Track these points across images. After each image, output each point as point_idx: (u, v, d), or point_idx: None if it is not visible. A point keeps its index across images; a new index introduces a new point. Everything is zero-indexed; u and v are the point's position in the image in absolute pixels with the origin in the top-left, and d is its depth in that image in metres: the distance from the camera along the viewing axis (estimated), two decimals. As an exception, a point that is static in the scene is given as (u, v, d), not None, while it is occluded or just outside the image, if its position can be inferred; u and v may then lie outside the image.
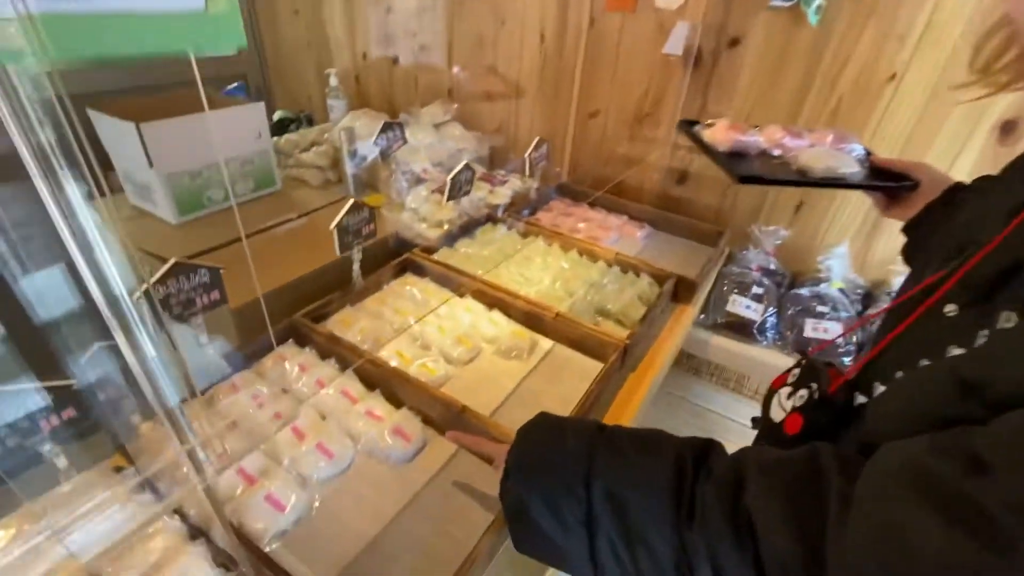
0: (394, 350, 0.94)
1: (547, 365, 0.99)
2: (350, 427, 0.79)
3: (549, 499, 0.47)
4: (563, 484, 0.46)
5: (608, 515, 0.44)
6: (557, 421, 0.55)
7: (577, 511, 0.45)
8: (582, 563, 0.46)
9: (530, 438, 0.54)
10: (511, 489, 0.52)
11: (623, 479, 0.44)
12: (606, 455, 0.46)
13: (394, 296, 1.10)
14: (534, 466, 0.51)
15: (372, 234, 1.03)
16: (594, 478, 0.45)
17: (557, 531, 0.47)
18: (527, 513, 0.49)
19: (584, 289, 1.15)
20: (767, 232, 1.35)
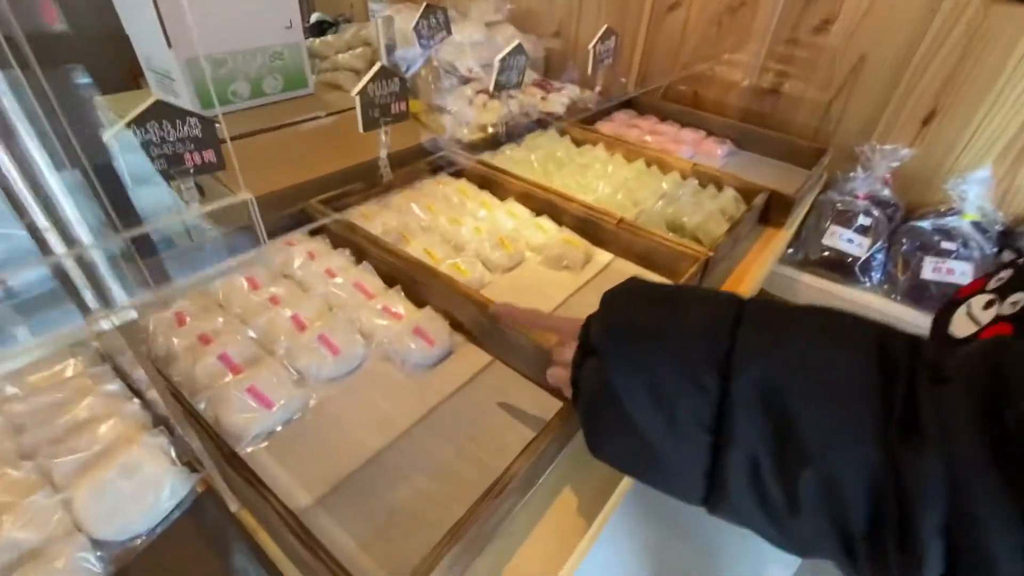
0: (421, 247, 0.78)
1: (604, 280, 0.81)
2: (363, 323, 0.64)
3: (656, 388, 0.34)
4: (682, 369, 0.33)
5: (757, 422, 0.31)
6: (664, 286, 0.41)
7: (700, 410, 0.32)
8: (690, 479, 0.34)
9: (626, 304, 0.40)
10: (593, 371, 0.39)
11: (789, 370, 0.31)
12: (758, 334, 0.33)
13: (425, 195, 0.94)
14: (635, 340, 0.36)
15: (403, 114, 0.86)
16: (739, 366, 0.32)
17: (660, 434, 0.34)
18: (615, 405, 0.35)
19: (653, 200, 0.95)
20: (883, 152, 1.09)
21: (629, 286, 0.42)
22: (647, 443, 0.35)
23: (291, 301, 0.65)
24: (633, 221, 0.83)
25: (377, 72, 0.80)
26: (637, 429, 0.35)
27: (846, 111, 1.17)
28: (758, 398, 0.31)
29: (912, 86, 1.07)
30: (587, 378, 0.40)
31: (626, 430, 0.35)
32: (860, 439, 0.28)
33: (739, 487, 0.32)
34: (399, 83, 0.84)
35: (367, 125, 0.81)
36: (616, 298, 0.41)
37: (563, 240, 0.83)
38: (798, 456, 0.29)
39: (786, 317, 0.34)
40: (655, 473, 0.37)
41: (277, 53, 1.34)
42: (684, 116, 1.30)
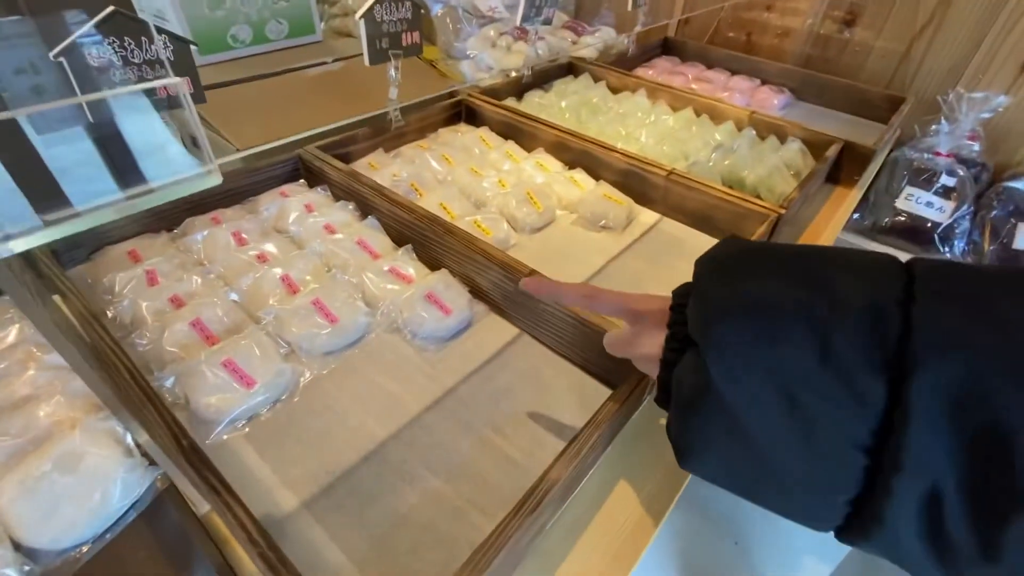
0: (436, 202, 0.67)
1: (650, 243, 0.69)
2: (366, 287, 0.54)
3: (786, 392, 0.24)
4: (827, 365, 0.23)
5: (945, 442, 0.21)
6: (782, 247, 0.29)
7: (855, 423, 0.23)
8: (825, 506, 0.26)
9: (734, 275, 0.28)
10: (691, 371, 0.29)
11: (1003, 367, 0.21)
12: (948, 312, 0.22)
13: (442, 145, 0.82)
14: (752, 326, 0.26)
15: (416, 47, 0.74)
16: (920, 360, 0.22)
17: (789, 452, 0.25)
18: (724, 413, 0.26)
19: (707, 151, 0.82)
20: (972, 101, 0.93)
21: (733, 249, 0.30)
22: (767, 461, 0.26)
23: (283, 259, 0.55)
24: (686, 172, 0.70)
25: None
26: (755, 444, 0.26)
27: (930, 53, 1.01)
28: (950, 407, 0.22)
29: (1014, 22, 0.91)
30: (683, 379, 0.29)
31: (736, 444, 0.27)
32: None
33: (903, 524, 0.23)
34: (411, 9, 0.72)
35: (374, 57, 0.69)
36: (718, 266, 0.30)
37: (602, 196, 0.71)
38: (1008, 493, 0.21)
39: (986, 283, 0.23)
40: (773, 496, 0.28)
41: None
42: (734, 63, 1.15)
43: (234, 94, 0.98)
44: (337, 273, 0.54)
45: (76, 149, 0.35)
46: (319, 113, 0.92)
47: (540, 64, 1.08)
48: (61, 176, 0.31)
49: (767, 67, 1.11)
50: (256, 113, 0.93)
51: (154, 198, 0.27)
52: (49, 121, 0.32)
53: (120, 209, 0.26)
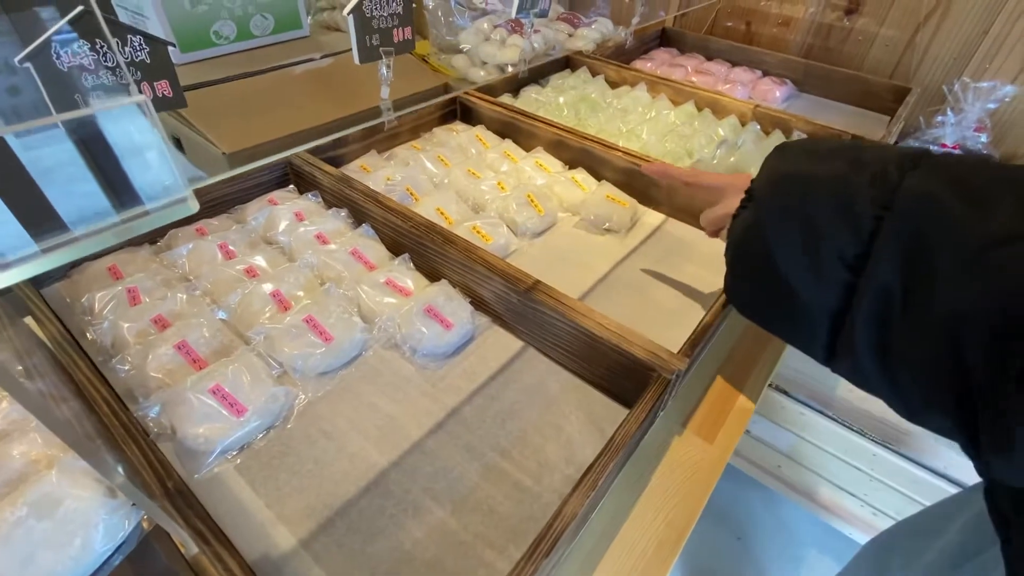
0: (433, 207, 0.64)
1: (656, 245, 0.66)
2: (362, 301, 0.51)
3: (806, 225, 0.33)
4: (838, 205, 0.32)
5: (900, 256, 0.29)
6: (844, 141, 0.38)
7: (847, 245, 0.31)
8: (818, 323, 0.33)
9: (796, 155, 0.37)
10: (748, 215, 0.38)
11: (954, 201, 0.28)
12: (932, 174, 0.30)
13: (436, 145, 0.79)
14: (797, 184, 0.35)
15: (408, 43, 0.71)
16: (900, 202, 0.30)
17: (799, 272, 0.34)
18: (761, 245, 0.35)
19: (711, 148, 0.79)
20: (979, 90, 0.91)
21: (808, 140, 0.40)
22: (784, 284, 0.34)
23: (273, 273, 0.52)
24: (690, 173, 0.67)
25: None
26: (777, 269, 0.34)
27: (935, 41, 0.98)
28: (909, 234, 0.29)
29: (1023, 8, 0.88)
30: (739, 223, 0.39)
31: (766, 273, 0.35)
32: (1016, 284, 0.25)
33: (864, 328, 0.30)
34: (403, 3, 0.68)
35: (364, 55, 0.66)
36: (787, 149, 0.39)
37: (605, 197, 0.68)
38: (935, 295, 0.27)
39: (977, 165, 0.30)
40: (785, 316, 0.36)
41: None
42: (734, 54, 1.12)
43: (218, 94, 0.94)
44: (331, 287, 0.51)
45: (57, 150, 0.32)
46: (307, 113, 0.89)
47: (536, 58, 1.04)
48: (43, 178, 0.28)
49: (768, 58, 1.08)
50: (241, 113, 0.89)
51: (142, 224, 0.24)
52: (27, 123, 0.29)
53: (120, 232, 0.23)
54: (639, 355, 0.42)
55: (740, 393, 0.51)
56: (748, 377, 0.52)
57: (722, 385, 0.51)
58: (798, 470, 1.40)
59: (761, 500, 1.44)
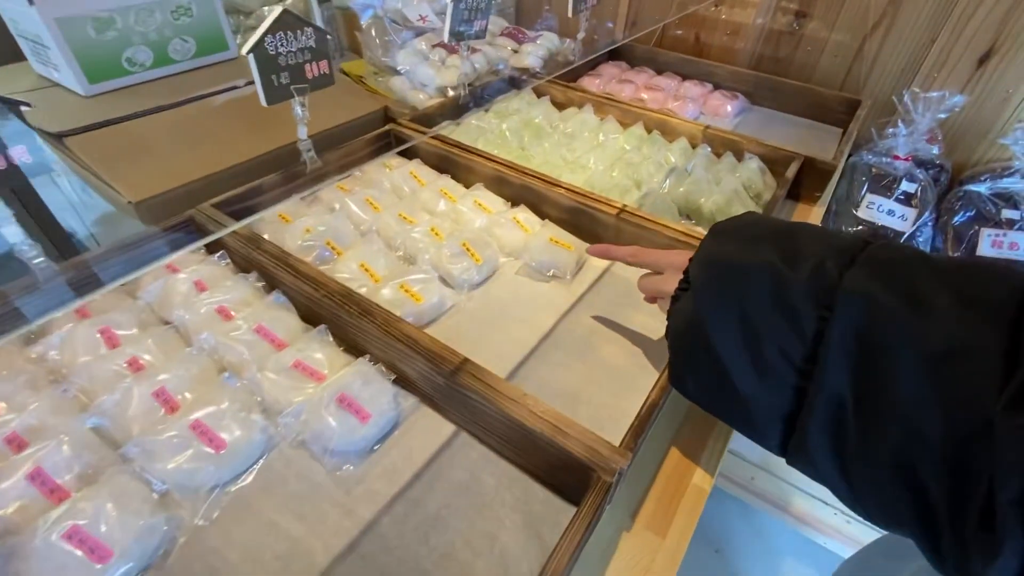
0: (357, 262, 0.58)
1: (603, 291, 0.61)
2: (265, 392, 0.44)
3: (746, 321, 0.32)
4: (777, 302, 0.31)
5: (850, 365, 0.28)
6: (781, 222, 0.38)
7: (792, 347, 0.30)
8: (770, 422, 0.33)
9: (731, 237, 0.38)
10: (685, 302, 0.38)
11: (898, 316, 0.27)
12: (871, 273, 0.29)
13: (367, 184, 0.73)
14: (732, 272, 0.35)
15: (325, 78, 0.64)
16: (842, 303, 0.29)
17: (744, 370, 0.33)
18: (701, 336, 0.35)
19: (660, 176, 0.75)
20: (928, 100, 0.90)
21: (742, 220, 0.39)
22: (729, 380, 0.33)
23: (161, 364, 0.45)
24: (637, 210, 0.63)
25: (277, 20, 0.57)
26: (721, 363, 0.34)
27: (883, 51, 0.96)
28: (854, 338, 0.28)
29: (968, 16, 0.87)
30: (678, 311, 0.39)
31: (710, 365, 0.34)
32: (964, 401, 0.25)
33: (818, 434, 0.30)
34: (315, 35, 0.62)
35: (272, 96, 0.59)
36: (722, 232, 0.39)
37: (549, 240, 0.63)
38: (888, 407, 0.27)
39: (911, 260, 0.30)
40: (735, 413, 0.35)
41: (182, 8, 1.08)
42: (684, 66, 1.09)
43: (127, 131, 0.86)
44: (228, 378, 0.44)
45: None
46: (229, 150, 0.81)
47: (479, 79, 0.99)
48: None
49: (718, 70, 1.05)
50: (153, 154, 0.81)
51: None
52: None
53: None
54: (576, 453, 0.37)
55: (696, 466, 0.46)
56: (704, 447, 0.48)
57: (676, 459, 0.47)
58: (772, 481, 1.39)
59: (738, 511, 1.43)
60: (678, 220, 0.71)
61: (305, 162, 0.69)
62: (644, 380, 0.51)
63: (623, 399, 0.49)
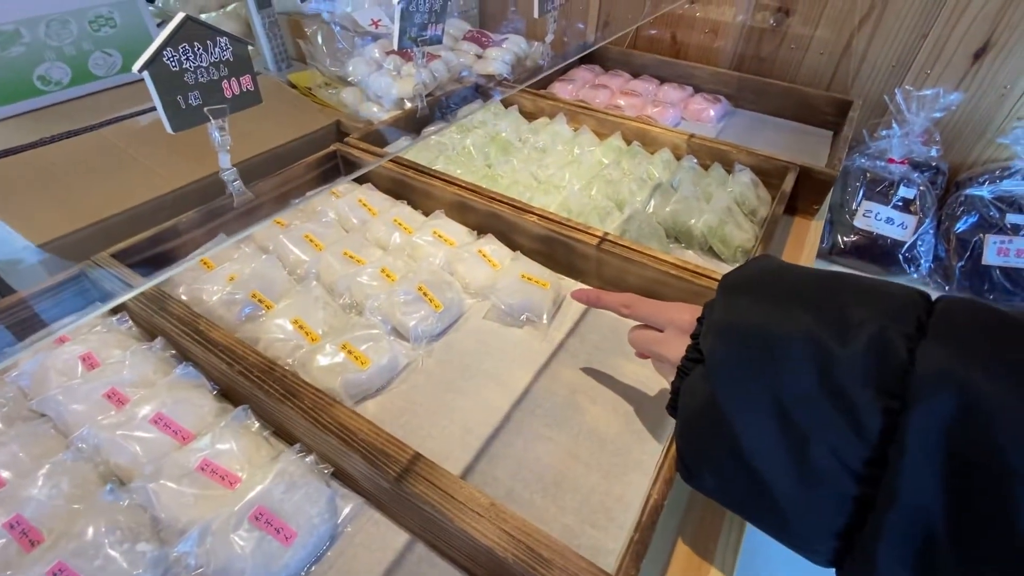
0: (290, 317, 0.48)
1: (586, 336, 0.53)
2: (161, 506, 0.34)
3: (783, 412, 0.25)
4: (826, 389, 0.24)
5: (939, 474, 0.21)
6: (808, 271, 0.30)
7: (849, 448, 0.23)
8: (816, 536, 0.26)
9: (750, 294, 0.30)
10: (698, 380, 0.30)
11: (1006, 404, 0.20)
12: (954, 347, 0.22)
13: (307, 216, 0.63)
14: (758, 343, 0.27)
15: (249, 96, 0.54)
16: (920, 391, 0.22)
17: (781, 472, 0.25)
18: (721, 427, 0.27)
19: (644, 194, 0.67)
20: (922, 99, 0.84)
21: (761, 270, 0.32)
22: (763, 484, 0.26)
23: (21, 483, 0.35)
24: (620, 238, 0.54)
25: (179, 30, 0.47)
26: (751, 464, 0.26)
27: (872, 47, 0.90)
28: (945, 439, 0.21)
29: (963, 7, 0.81)
30: (692, 389, 0.31)
31: (736, 463, 0.27)
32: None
33: (892, 559, 0.23)
34: (232, 46, 0.52)
35: (178, 120, 0.48)
36: (738, 288, 0.31)
37: (520, 278, 0.54)
38: (1004, 529, 0.20)
39: (1001, 323, 0.23)
40: (770, 521, 0.28)
41: (102, 18, 0.97)
42: (662, 68, 1.01)
43: (31, 161, 0.74)
44: (109, 492, 0.34)
45: None
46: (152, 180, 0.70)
47: (441, 89, 0.89)
48: None
49: (698, 72, 0.98)
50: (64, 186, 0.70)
51: None
52: None
53: None
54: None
55: (711, 566, 0.38)
56: (717, 535, 0.39)
57: (685, 557, 0.38)
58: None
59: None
60: (667, 245, 0.63)
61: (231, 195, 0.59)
62: (640, 452, 0.42)
63: (617, 480, 0.40)
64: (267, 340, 0.46)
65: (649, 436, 0.44)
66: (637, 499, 0.39)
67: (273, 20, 0.98)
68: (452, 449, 0.42)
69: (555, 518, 0.38)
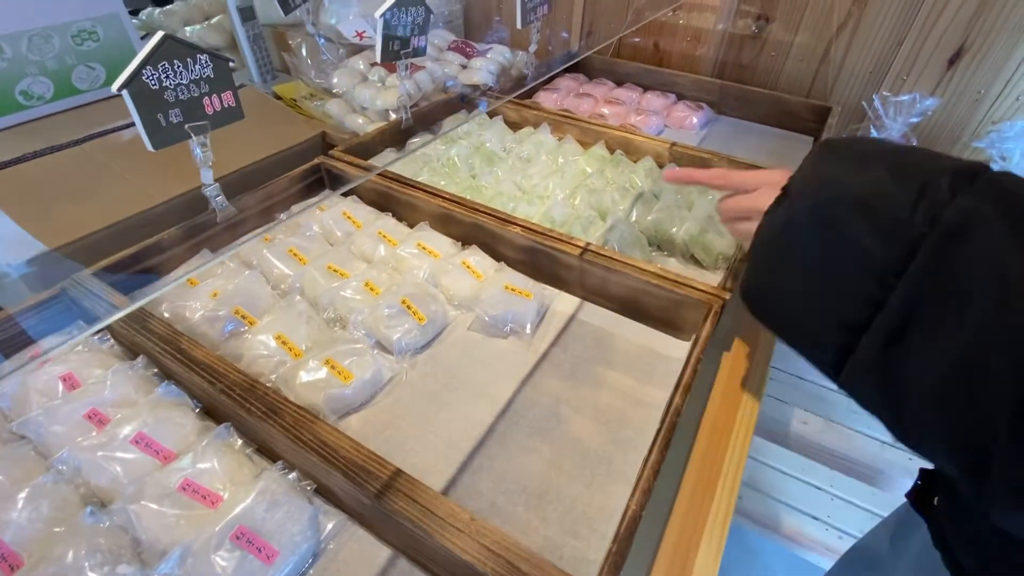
0: (273, 333, 0.48)
1: (570, 345, 0.53)
2: (143, 527, 0.34)
3: (836, 216, 0.31)
4: (873, 208, 0.29)
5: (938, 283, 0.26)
6: (895, 145, 0.34)
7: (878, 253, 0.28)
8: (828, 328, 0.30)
9: (843, 150, 0.34)
10: (781, 211, 0.34)
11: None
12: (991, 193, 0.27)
13: (293, 231, 0.63)
14: (836, 182, 0.32)
15: (230, 113, 0.54)
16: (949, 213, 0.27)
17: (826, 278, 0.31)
18: (789, 241, 0.33)
19: (626, 204, 0.67)
20: (900, 104, 0.85)
21: (851, 141, 0.36)
22: (806, 289, 0.32)
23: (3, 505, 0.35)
24: (603, 248, 0.55)
25: (159, 48, 0.47)
26: (801, 272, 0.32)
27: (849, 54, 0.92)
28: (949, 258, 0.26)
29: (937, 13, 0.83)
30: (769, 221, 0.35)
31: (788, 274, 0.33)
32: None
33: (881, 346, 0.28)
34: (213, 63, 0.52)
35: (159, 138, 0.49)
36: (834, 148, 0.35)
37: (504, 289, 0.55)
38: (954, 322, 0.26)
39: None
40: (795, 325, 0.33)
41: (85, 31, 0.97)
42: (645, 77, 1.02)
43: (12, 178, 0.74)
44: (90, 515, 0.34)
45: None
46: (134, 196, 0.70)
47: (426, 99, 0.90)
48: None
49: (681, 80, 0.99)
50: (45, 203, 0.70)
51: None
52: None
53: None
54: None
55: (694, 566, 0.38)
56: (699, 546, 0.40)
57: (667, 564, 0.38)
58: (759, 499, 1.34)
59: (729, 533, 1.37)
60: (650, 254, 0.64)
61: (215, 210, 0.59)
62: (623, 462, 0.43)
63: (599, 491, 0.41)
64: (250, 356, 0.47)
65: (632, 446, 0.44)
66: (620, 509, 0.39)
67: (258, 32, 0.98)
68: (435, 463, 0.42)
69: (537, 530, 0.38)
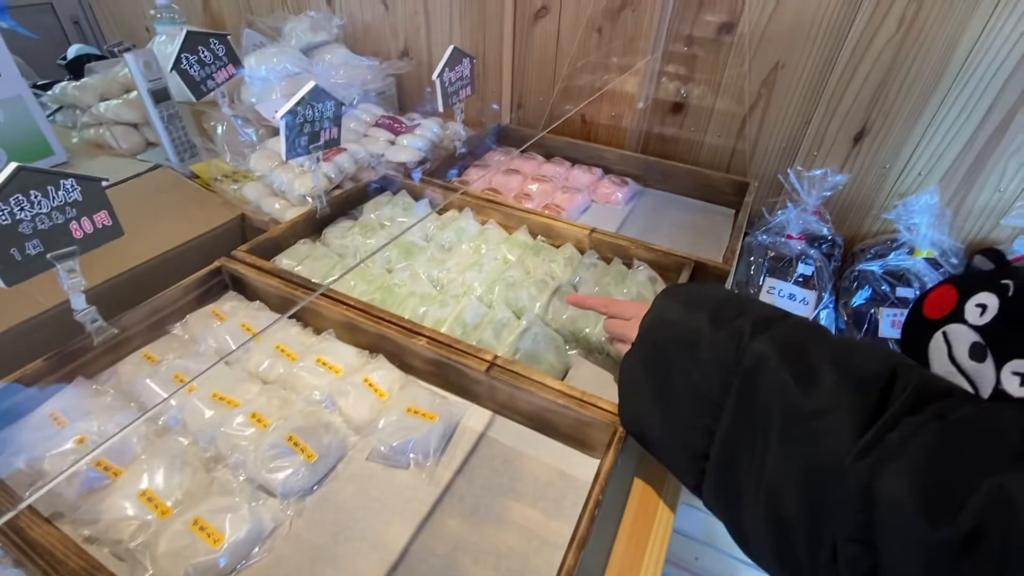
0: (135, 489, 0.43)
1: (476, 472, 0.50)
2: None
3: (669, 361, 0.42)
4: (698, 351, 0.40)
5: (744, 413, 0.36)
6: (720, 292, 0.47)
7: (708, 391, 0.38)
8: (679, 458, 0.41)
9: (680, 297, 0.47)
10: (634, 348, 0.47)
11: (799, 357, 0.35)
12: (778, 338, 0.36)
13: (182, 349, 0.59)
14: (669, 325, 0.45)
15: (111, 229, 0.50)
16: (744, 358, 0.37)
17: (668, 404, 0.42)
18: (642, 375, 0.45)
19: (544, 298, 0.66)
20: (812, 179, 0.88)
21: (684, 289, 0.49)
22: (658, 402, 0.42)
23: None
24: (511, 362, 0.53)
25: (9, 180, 0.43)
26: (654, 394, 0.43)
27: (763, 131, 0.95)
28: (750, 397, 0.36)
29: (839, 97, 0.87)
30: (628, 357, 0.47)
31: (646, 403, 0.44)
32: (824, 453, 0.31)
33: (712, 473, 0.38)
34: (81, 186, 0.48)
35: (13, 274, 0.45)
36: (673, 296, 0.47)
37: (405, 412, 0.51)
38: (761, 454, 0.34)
39: (814, 335, 0.37)
40: (662, 448, 0.43)
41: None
42: (573, 151, 1.04)
43: None
44: None
45: None
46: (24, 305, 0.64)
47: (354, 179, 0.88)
48: None
49: (608, 154, 1.01)
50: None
51: None
52: None
53: None
54: None
55: None
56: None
57: None
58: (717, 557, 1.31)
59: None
60: (566, 354, 0.62)
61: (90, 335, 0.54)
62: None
63: (489, 666, 0.37)
64: (107, 520, 0.42)
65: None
66: None
67: (173, 112, 0.95)
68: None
69: None
